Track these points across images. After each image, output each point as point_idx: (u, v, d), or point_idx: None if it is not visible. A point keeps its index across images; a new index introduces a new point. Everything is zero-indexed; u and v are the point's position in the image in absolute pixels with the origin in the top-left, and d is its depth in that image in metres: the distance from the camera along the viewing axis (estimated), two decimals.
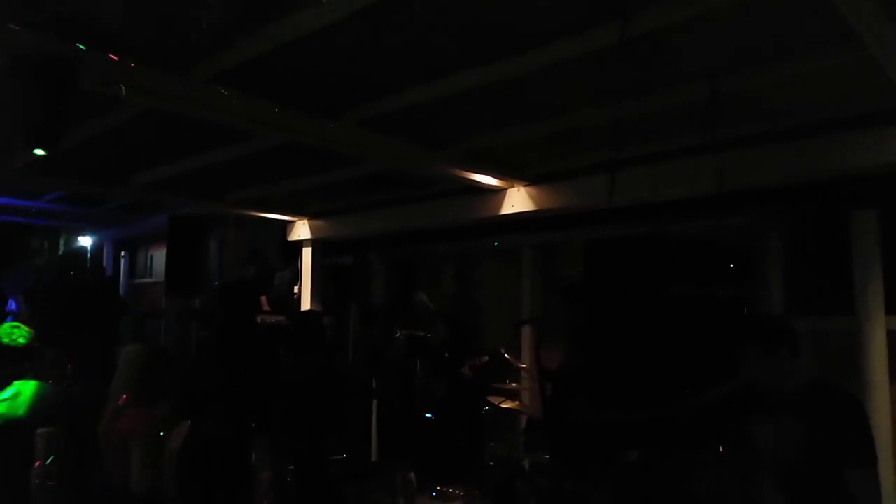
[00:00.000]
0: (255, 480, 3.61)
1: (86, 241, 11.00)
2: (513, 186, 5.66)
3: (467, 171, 5.23)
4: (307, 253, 7.83)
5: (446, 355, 5.51)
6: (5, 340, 4.16)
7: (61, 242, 11.47)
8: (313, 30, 2.98)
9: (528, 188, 5.60)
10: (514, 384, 5.25)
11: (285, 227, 7.98)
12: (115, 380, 3.76)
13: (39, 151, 3.55)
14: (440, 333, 5.42)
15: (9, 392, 3.91)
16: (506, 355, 5.14)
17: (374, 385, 5.49)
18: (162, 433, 3.58)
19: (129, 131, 4.65)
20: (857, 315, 4.05)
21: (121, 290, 10.45)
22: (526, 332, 6.09)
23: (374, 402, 5.70)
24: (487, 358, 4.58)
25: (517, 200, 5.67)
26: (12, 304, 8.07)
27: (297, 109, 4.05)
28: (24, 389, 3.92)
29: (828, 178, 4.22)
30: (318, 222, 7.63)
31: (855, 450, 2.25)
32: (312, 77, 3.69)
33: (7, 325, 4.34)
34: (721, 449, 2.83)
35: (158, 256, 10.44)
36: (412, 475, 4.81)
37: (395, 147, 4.72)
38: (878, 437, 3.69)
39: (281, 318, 7.03)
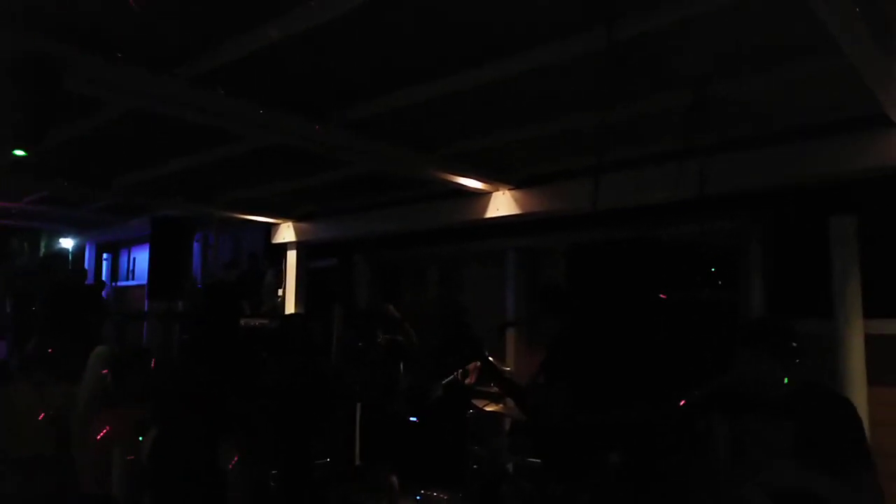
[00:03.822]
0: (231, 484, 3.57)
1: (67, 244, 10.89)
2: (498, 190, 5.68)
3: (453, 174, 5.24)
4: (292, 255, 7.80)
5: (428, 359, 5.50)
6: None
7: (42, 244, 11.34)
8: (300, 32, 2.97)
9: (513, 192, 5.62)
10: (496, 387, 5.25)
11: (270, 229, 7.95)
12: (83, 383, 3.70)
13: (19, 152, 3.52)
14: (413, 341, 5.41)
15: None
16: (490, 358, 5.14)
17: (357, 388, 5.47)
18: (140, 437, 3.53)
19: (111, 132, 4.61)
20: (836, 318, 4.10)
21: (104, 293, 10.34)
22: (510, 335, 6.11)
23: (358, 406, 5.68)
24: (479, 363, 4.59)
25: (502, 204, 5.69)
26: None
27: (282, 111, 4.04)
28: None
29: (808, 183, 4.28)
30: (303, 225, 7.61)
31: (845, 453, 2.19)
32: (298, 79, 3.69)
33: None
34: (704, 450, 2.85)
35: (141, 259, 10.37)
36: (395, 478, 4.80)
37: (381, 149, 4.72)
38: None
39: (264, 320, 7.00)
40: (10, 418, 3.99)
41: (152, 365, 3.96)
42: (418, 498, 5.15)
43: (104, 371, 3.64)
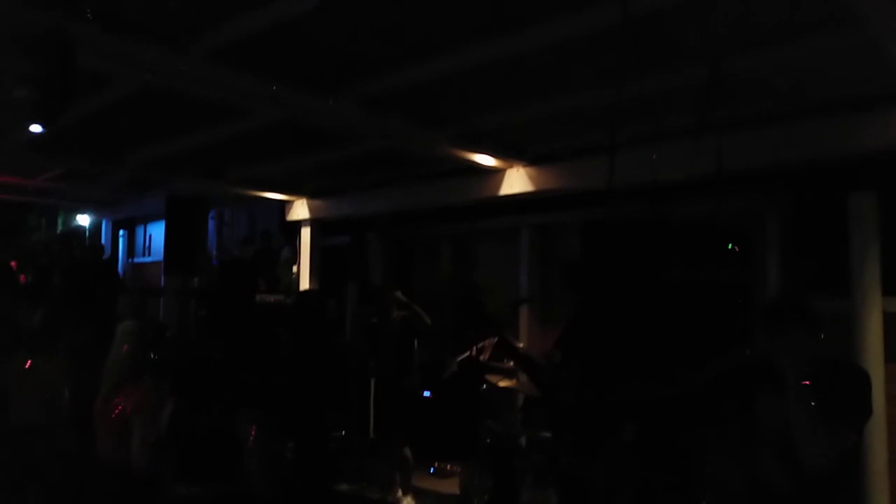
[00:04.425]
0: (249, 457, 3.64)
1: (84, 220, 10.99)
2: (511, 167, 5.65)
3: (466, 151, 5.22)
4: (306, 233, 7.84)
5: (442, 336, 5.54)
6: None
7: (59, 221, 11.46)
8: (312, 6, 2.96)
9: (526, 169, 5.59)
10: (511, 363, 5.29)
11: (284, 206, 7.98)
12: (111, 356, 3.76)
13: (37, 128, 3.54)
14: (425, 321, 5.44)
15: None
16: (505, 335, 5.16)
17: (372, 363, 5.53)
18: (159, 410, 3.59)
19: (126, 109, 4.63)
20: (854, 296, 4.07)
21: (119, 268, 10.47)
22: (523, 312, 6.13)
23: (372, 380, 5.75)
24: (497, 338, 4.62)
25: (516, 181, 5.67)
26: None
27: (295, 87, 4.03)
28: None
29: (827, 160, 4.22)
30: (317, 202, 7.63)
31: (838, 406, 2.24)
32: (311, 54, 3.67)
33: None
34: (720, 425, 2.86)
35: (157, 235, 10.45)
36: (409, 451, 4.87)
37: (394, 126, 4.71)
38: (873, 417, 3.74)
39: (280, 296, 7.06)
40: (6, 388, 4.07)
41: (170, 340, 4.03)
42: (432, 470, 5.24)
43: (133, 344, 3.71)
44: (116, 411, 3.63)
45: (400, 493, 4.97)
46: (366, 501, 4.38)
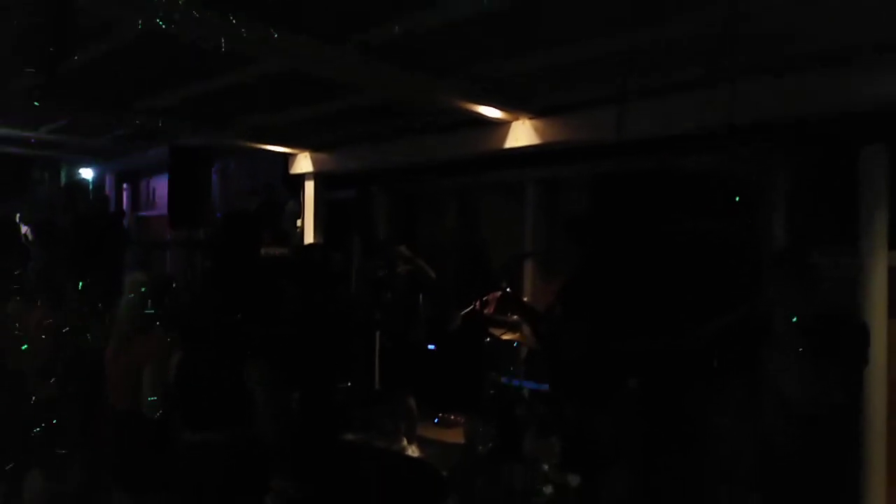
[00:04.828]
0: (255, 406, 3.70)
1: (87, 173, 10.95)
2: (517, 119, 5.57)
3: (471, 102, 5.14)
4: (309, 186, 7.81)
5: (447, 290, 5.56)
6: None
7: (62, 174, 11.41)
8: None
9: (533, 121, 5.51)
10: (514, 316, 5.31)
11: (287, 159, 7.93)
12: (120, 307, 3.81)
13: (37, 77, 3.50)
14: (430, 275, 5.45)
15: None
16: (507, 289, 5.17)
17: (377, 316, 5.57)
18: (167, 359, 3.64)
19: (126, 57, 4.56)
20: (860, 250, 4.05)
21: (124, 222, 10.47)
22: (527, 266, 6.14)
23: (378, 333, 5.80)
24: (500, 293, 4.64)
25: (522, 133, 5.59)
26: None
27: (298, 34, 3.95)
28: None
29: (838, 112, 4.15)
30: (321, 155, 7.57)
31: (835, 356, 2.25)
32: (314, 1, 3.59)
33: None
34: (724, 378, 2.88)
35: (161, 188, 10.41)
36: (413, 402, 4.94)
37: (398, 75, 4.63)
38: (874, 372, 3.78)
39: (284, 250, 7.07)
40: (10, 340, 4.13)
41: (177, 291, 4.06)
42: (436, 420, 5.33)
43: (141, 296, 3.74)
44: (126, 361, 3.68)
45: (405, 442, 5.07)
46: (371, 450, 4.47)
